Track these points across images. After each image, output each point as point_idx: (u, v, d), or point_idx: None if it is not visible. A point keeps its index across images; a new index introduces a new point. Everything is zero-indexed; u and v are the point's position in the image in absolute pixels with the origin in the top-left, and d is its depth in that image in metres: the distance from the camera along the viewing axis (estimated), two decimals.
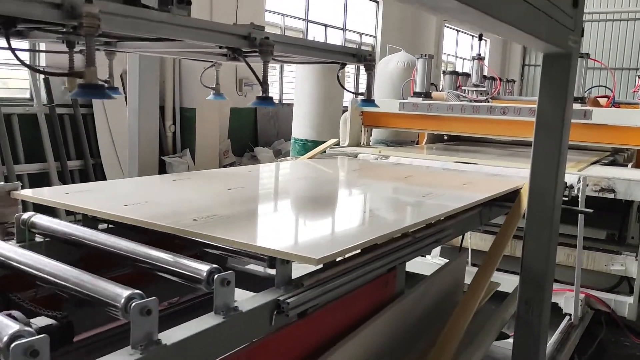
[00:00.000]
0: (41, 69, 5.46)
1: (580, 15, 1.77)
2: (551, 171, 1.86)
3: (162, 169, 7.68)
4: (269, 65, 1.68)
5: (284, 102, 10.80)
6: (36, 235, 1.83)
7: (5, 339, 0.94)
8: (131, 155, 4.67)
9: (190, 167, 7.90)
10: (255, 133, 10.20)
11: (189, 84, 8.11)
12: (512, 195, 2.77)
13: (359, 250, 1.80)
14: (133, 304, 1.11)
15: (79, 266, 1.38)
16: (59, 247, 1.78)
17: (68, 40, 1.41)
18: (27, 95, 6.69)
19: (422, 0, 1.06)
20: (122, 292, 1.18)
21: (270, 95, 1.66)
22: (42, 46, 4.71)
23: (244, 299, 1.42)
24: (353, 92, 2.22)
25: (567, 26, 1.66)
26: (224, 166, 8.60)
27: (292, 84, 10.80)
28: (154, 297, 1.14)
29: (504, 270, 3.61)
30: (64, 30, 1.31)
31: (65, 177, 6.63)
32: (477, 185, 3.08)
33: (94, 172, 7.01)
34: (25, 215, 1.82)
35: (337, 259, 1.69)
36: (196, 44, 1.46)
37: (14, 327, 0.97)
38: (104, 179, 6.87)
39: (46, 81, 6.64)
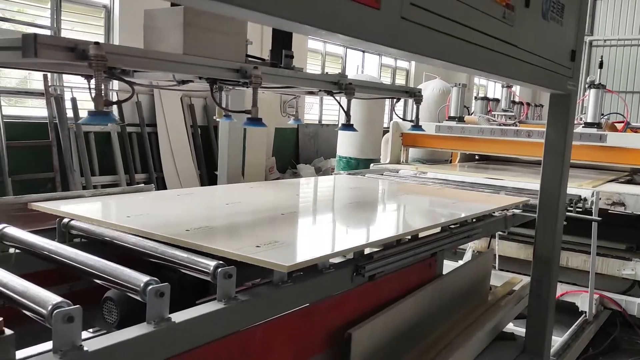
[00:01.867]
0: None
1: (577, 66, 2.38)
2: (557, 182, 2.46)
3: (214, 183, 8.43)
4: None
5: (323, 123, 11.52)
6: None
7: (49, 308, 1.14)
8: (221, 170, 5.26)
9: (240, 182, 8.63)
10: (297, 151, 10.92)
11: (239, 107, 8.88)
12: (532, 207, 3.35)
13: (407, 238, 2.43)
14: (149, 288, 1.29)
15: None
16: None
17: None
18: None
19: (459, 68, 1.68)
20: (141, 278, 1.35)
21: (350, 123, 2.32)
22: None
23: (334, 264, 2.04)
24: (405, 119, 2.87)
25: (566, 75, 2.27)
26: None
27: (330, 106, 11.54)
28: (166, 283, 1.32)
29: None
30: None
31: None
32: (494, 198, 3.65)
33: (157, 184, 7.79)
34: None
35: (398, 241, 2.32)
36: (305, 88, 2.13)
37: (56, 299, 1.16)
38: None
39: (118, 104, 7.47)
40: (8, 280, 1.36)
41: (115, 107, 7.40)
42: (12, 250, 1.90)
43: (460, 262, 4.90)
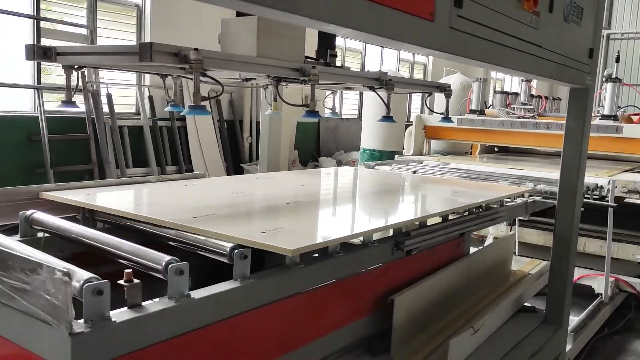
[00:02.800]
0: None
1: (595, 62, 2.62)
2: (575, 169, 2.71)
3: (240, 174, 8.75)
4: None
5: (343, 116, 11.78)
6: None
7: (80, 282, 1.26)
8: (261, 161, 5.53)
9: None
10: (318, 144, 11.20)
11: (264, 101, 9.19)
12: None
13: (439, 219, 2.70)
14: (170, 266, 1.41)
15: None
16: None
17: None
18: (134, 110, 7.89)
19: (494, 68, 1.94)
20: (163, 257, 1.47)
21: (390, 114, 2.59)
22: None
23: (372, 241, 2.31)
24: (436, 112, 3.14)
25: (585, 71, 2.52)
26: None
27: (350, 101, 11.80)
28: (185, 262, 1.43)
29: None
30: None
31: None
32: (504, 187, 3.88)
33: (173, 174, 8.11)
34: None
35: (430, 223, 2.59)
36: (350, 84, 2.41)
37: (86, 275, 1.29)
38: None
39: (150, 99, 7.82)
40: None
41: (147, 102, 7.74)
42: (40, 234, 2.03)
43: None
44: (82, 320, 1.27)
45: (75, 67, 1.93)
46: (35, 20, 6.59)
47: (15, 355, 1.38)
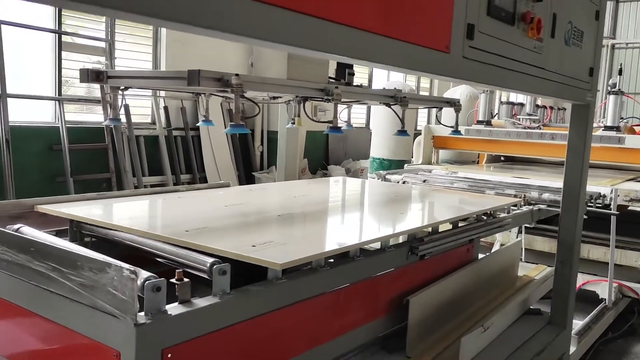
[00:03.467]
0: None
1: (595, 80, 2.81)
2: (578, 178, 2.89)
3: (252, 182, 8.97)
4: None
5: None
6: None
7: (141, 280, 1.43)
8: (279, 170, 5.76)
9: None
10: (326, 153, 11.40)
11: (275, 111, 9.41)
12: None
13: (450, 226, 2.88)
14: (214, 267, 1.61)
15: None
16: None
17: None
18: (149, 120, 8.13)
19: (501, 88, 2.14)
20: (208, 260, 1.66)
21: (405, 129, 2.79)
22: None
23: (389, 245, 2.50)
24: (446, 125, 3.33)
25: (585, 88, 2.71)
26: None
27: (357, 112, 12.00)
28: (227, 263, 1.63)
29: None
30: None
31: None
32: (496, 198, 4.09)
33: (200, 184, 8.33)
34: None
35: (441, 230, 2.78)
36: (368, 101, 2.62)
37: (146, 274, 1.46)
38: None
39: (165, 109, 8.06)
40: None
41: (162, 113, 7.97)
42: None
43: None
44: (142, 313, 1.47)
45: (122, 87, 2.14)
46: (57, 35, 6.85)
47: (84, 346, 1.57)
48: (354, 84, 2.70)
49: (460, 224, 2.94)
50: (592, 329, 4.14)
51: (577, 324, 4.07)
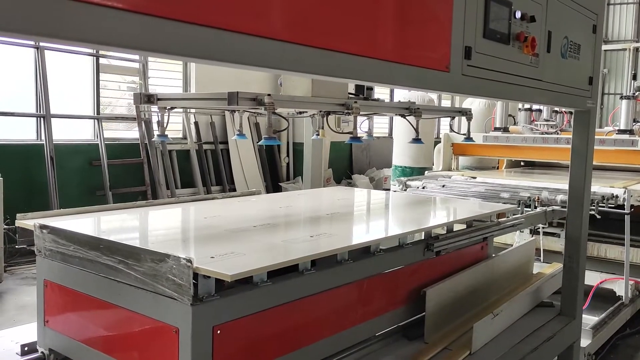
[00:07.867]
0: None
1: (595, 87, 3.04)
2: (582, 179, 3.12)
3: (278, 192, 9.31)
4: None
5: (374, 135, 12.24)
6: None
7: None
8: (305, 180, 6.09)
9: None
10: (350, 163, 11.70)
11: (300, 125, 9.76)
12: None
13: (464, 226, 3.13)
14: None
15: None
16: None
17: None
18: (181, 135, 8.54)
19: (501, 100, 2.40)
20: None
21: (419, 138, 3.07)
22: None
23: (406, 242, 2.77)
24: (459, 133, 3.59)
25: (585, 96, 2.95)
26: None
27: (380, 122, 12.27)
28: None
29: None
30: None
31: None
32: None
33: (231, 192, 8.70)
34: None
35: (456, 229, 3.03)
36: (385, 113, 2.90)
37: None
38: None
39: (195, 124, 8.47)
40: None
41: (193, 128, 8.37)
42: None
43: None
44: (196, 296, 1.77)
45: (168, 107, 2.46)
46: (95, 57, 7.32)
47: (148, 326, 1.88)
48: (373, 97, 2.99)
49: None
50: (607, 323, 4.32)
51: (594, 319, 4.26)
